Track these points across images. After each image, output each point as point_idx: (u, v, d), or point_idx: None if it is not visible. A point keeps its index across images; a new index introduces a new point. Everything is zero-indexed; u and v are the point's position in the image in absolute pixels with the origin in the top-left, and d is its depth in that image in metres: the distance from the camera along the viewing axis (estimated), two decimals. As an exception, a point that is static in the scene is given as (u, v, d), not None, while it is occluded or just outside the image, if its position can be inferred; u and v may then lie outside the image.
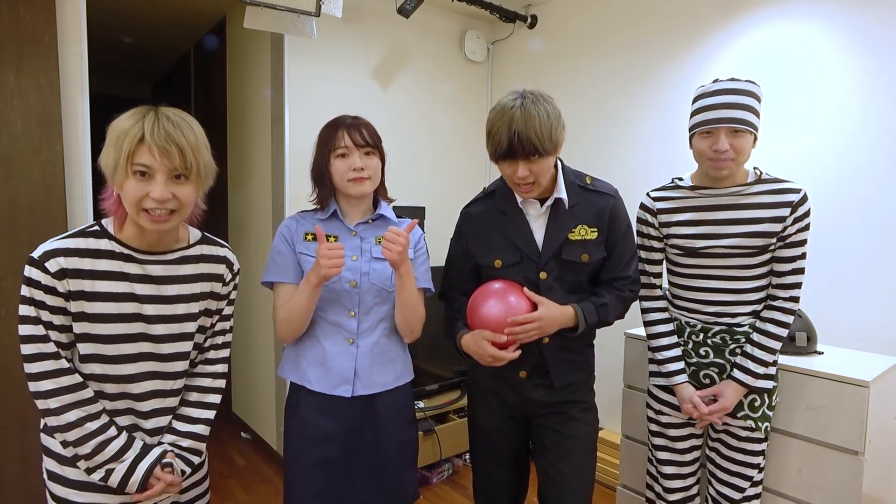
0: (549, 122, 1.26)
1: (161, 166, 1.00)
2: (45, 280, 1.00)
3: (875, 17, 1.90)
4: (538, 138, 1.24)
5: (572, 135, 2.84)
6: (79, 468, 1.08)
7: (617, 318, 1.44)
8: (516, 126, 1.24)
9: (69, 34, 1.95)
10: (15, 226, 1.84)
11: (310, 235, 1.39)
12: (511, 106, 1.26)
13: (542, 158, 1.28)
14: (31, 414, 1.84)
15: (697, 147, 1.44)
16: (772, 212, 1.41)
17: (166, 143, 0.98)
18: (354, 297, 1.37)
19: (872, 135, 1.91)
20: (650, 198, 1.58)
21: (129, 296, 1.07)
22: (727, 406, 1.47)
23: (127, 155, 0.98)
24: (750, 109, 1.37)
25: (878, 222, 1.90)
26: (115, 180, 1.02)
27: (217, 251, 1.21)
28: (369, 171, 1.35)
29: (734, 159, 1.39)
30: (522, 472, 1.58)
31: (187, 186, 1.04)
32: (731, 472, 1.53)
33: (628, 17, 2.65)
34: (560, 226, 1.39)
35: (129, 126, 0.99)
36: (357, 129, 1.36)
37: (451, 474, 2.74)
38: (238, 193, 3.28)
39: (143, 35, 3.73)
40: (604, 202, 1.41)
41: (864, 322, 1.93)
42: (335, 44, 2.74)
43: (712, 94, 1.40)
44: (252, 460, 2.91)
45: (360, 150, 1.35)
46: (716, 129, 1.38)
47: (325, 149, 1.37)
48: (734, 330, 1.49)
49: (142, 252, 1.09)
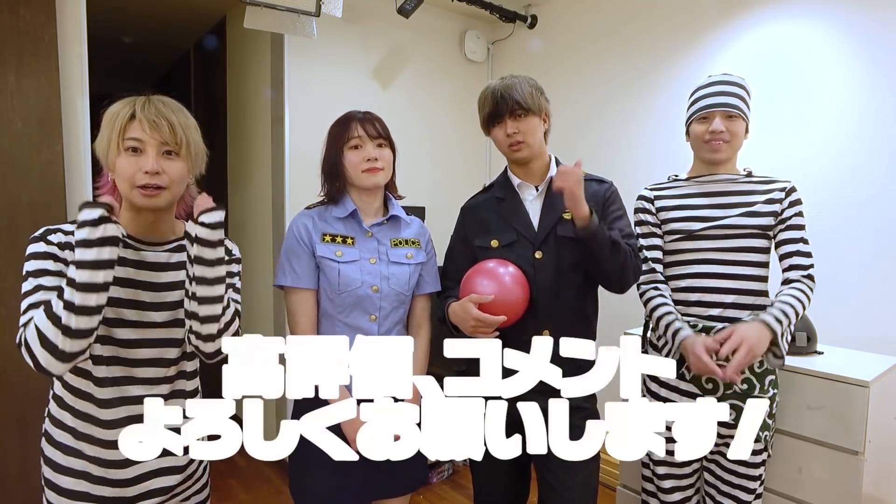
0: (528, 86, 1.41)
1: (151, 139, 1.03)
2: (49, 249, 1.03)
3: (875, 17, 1.90)
4: (520, 95, 1.39)
5: (571, 134, 2.85)
6: (72, 477, 1.07)
7: (624, 259, 1.36)
8: (499, 88, 1.41)
9: (69, 34, 1.94)
10: (15, 225, 1.84)
11: (328, 237, 1.37)
12: (494, 82, 1.45)
13: (528, 116, 1.40)
14: (32, 415, 1.84)
15: (694, 133, 1.52)
16: (766, 195, 1.48)
17: (156, 117, 1.03)
18: (376, 302, 1.37)
19: (872, 135, 1.91)
20: (648, 189, 1.63)
21: (126, 280, 1.08)
22: (754, 350, 1.29)
23: (119, 130, 1.02)
24: (742, 99, 1.48)
25: (877, 222, 1.90)
26: (108, 161, 1.05)
27: None
28: (382, 161, 1.37)
29: (729, 142, 1.47)
30: (523, 477, 1.57)
31: (177, 162, 1.06)
32: (733, 484, 1.50)
33: (628, 17, 2.65)
34: (555, 206, 1.44)
35: (120, 107, 1.04)
36: (370, 122, 1.38)
37: (451, 474, 2.74)
38: (238, 193, 3.28)
39: (143, 35, 3.73)
40: (599, 187, 1.47)
41: (864, 322, 1.93)
42: (335, 44, 2.74)
43: (707, 86, 1.51)
44: (252, 460, 2.90)
45: (373, 142, 1.36)
46: (711, 113, 1.47)
47: (338, 142, 1.38)
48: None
49: (137, 240, 1.11)
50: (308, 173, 2.62)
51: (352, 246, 1.37)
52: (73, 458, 1.09)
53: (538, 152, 1.45)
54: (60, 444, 1.10)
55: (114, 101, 1.06)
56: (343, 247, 1.37)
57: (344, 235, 1.38)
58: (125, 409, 1.10)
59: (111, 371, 1.08)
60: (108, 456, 1.09)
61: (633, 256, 1.40)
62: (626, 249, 1.37)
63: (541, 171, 1.48)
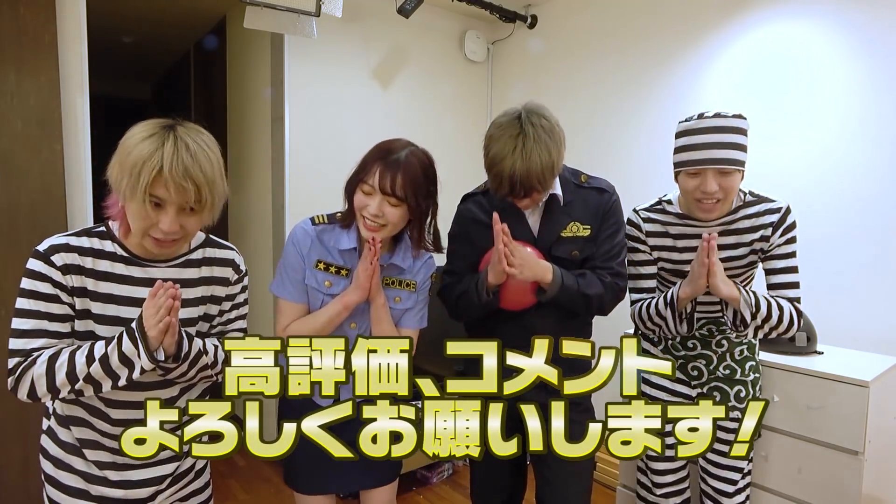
0: (549, 160, 1.24)
1: (175, 200, 0.98)
2: (51, 273, 1.00)
3: (874, 17, 1.90)
4: (539, 182, 1.25)
5: (571, 134, 2.82)
6: (73, 473, 1.08)
7: (598, 302, 1.39)
8: (517, 172, 1.23)
9: (69, 34, 1.95)
10: (15, 226, 1.84)
11: (321, 264, 1.30)
12: (513, 147, 1.24)
13: (543, 192, 1.32)
14: (32, 415, 1.84)
15: (684, 186, 1.40)
16: (758, 233, 1.42)
17: (183, 179, 0.95)
18: (352, 333, 1.33)
19: (872, 135, 1.91)
20: (639, 217, 1.55)
21: (133, 300, 1.07)
22: (719, 274, 1.33)
23: (143, 186, 0.95)
24: (738, 147, 1.33)
25: (877, 222, 1.90)
26: (122, 195, 1.00)
27: (223, 254, 1.20)
28: (385, 219, 1.24)
29: (722, 199, 1.36)
30: (520, 472, 1.58)
31: (196, 217, 1.03)
32: (722, 465, 1.54)
33: (628, 18, 2.65)
34: (554, 223, 1.41)
35: (147, 154, 0.95)
36: (393, 174, 1.21)
37: (451, 474, 2.74)
38: (238, 193, 3.28)
39: (143, 35, 3.74)
40: (599, 198, 1.43)
41: (864, 322, 1.93)
42: (335, 44, 2.74)
43: (698, 133, 1.34)
44: (252, 460, 2.90)
45: (384, 197, 1.22)
46: (703, 171, 1.33)
47: (358, 174, 1.26)
48: (720, 321, 1.51)
49: (142, 258, 1.09)
50: (308, 173, 2.63)
51: (345, 277, 1.32)
52: (74, 457, 1.09)
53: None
54: (65, 442, 1.10)
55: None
56: (335, 277, 1.31)
57: (339, 266, 1.31)
58: (134, 413, 1.10)
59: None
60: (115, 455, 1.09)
61: (610, 289, 1.41)
62: (600, 290, 1.38)
63: None
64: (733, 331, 1.44)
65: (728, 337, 1.52)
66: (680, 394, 1.57)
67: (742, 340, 1.54)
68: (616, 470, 2.44)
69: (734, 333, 1.49)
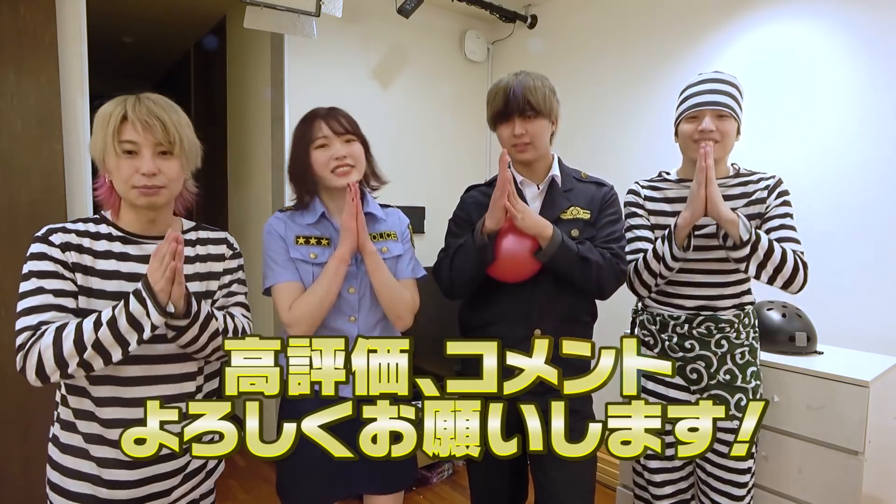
0: (542, 87, 1.38)
1: (145, 141, 1.04)
2: (50, 251, 1.04)
3: (874, 17, 1.90)
4: (532, 95, 1.36)
5: (571, 134, 2.84)
6: (80, 480, 1.08)
7: (597, 272, 1.38)
8: (512, 86, 1.37)
9: (69, 34, 1.94)
10: (15, 225, 1.85)
11: (301, 239, 1.34)
12: (513, 76, 1.41)
13: (537, 118, 1.37)
14: (33, 415, 1.84)
15: (683, 132, 1.47)
16: (751, 197, 1.47)
17: (148, 117, 1.04)
18: (354, 303, 1.35)
19: (872, 135, 1.91)
20: (639, 185, 1.62)
21: (132, 276, 1.08)
22: (716, 196, 1.35)
23: (112, 133, 1.03)
24: (734, 98, 1.44)
25: (877, 222, 1.90)
26: (104, 164, 1.07)
27: (215, 234, 1.26)
28: (352, 158, 1.31)
29: (719, 142, 1.42)
30: (520, 479, 1.57)
31: (173, 162, 1.08)
32: (723, 480, 1.51)
33: (628, 17, 2.65)
34: (554, 206, 1.44)
35: (112, 108, 1.05)
36: (335, 118, 1.33)
37: (451, 474, 2.74)
38: (238, 193, 3.28)
39: (143, 35, 3.74)
40: (599, 191, 1.48)
41: (864, 322, 1.93)
42: (335, 44, 2.74)
43: (697, 84, 1.47)
44: (252, 460, 2.90)
45: (340, 139, 1.31)
46: (701, 112, 1.43)
47: (304, 142, 1.33)
48: (718, 318, 1.49)
49: (139, 236, 1.12)
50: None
51: (327, 246, 1.34)
52: (81, 460, 1.09)
53: (543, 153, 1.44)
54: (69, 446, 1.10)
55: (104, 102, 1.07)
56: (317, 248, 1.34)
57: (318, 237, 1.34)
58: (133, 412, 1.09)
59: (134, 370, 1.08)
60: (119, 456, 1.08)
61: (610, 266, 1.39)
62: (601, 263, 1.37)
63: (543, 170, 1.48)
64: (735, 260, 1.40)
65: (728, 336, 1.49)
66: (679, 401, 1.53)
67: (743, 342, 1.51)
68: (616, 470, 2.44)
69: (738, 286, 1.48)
